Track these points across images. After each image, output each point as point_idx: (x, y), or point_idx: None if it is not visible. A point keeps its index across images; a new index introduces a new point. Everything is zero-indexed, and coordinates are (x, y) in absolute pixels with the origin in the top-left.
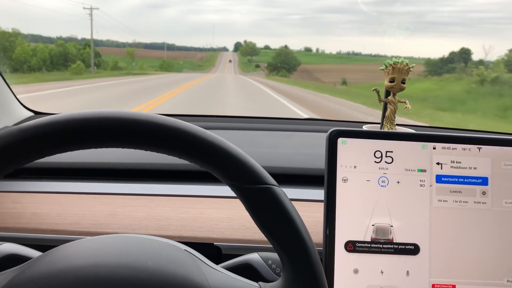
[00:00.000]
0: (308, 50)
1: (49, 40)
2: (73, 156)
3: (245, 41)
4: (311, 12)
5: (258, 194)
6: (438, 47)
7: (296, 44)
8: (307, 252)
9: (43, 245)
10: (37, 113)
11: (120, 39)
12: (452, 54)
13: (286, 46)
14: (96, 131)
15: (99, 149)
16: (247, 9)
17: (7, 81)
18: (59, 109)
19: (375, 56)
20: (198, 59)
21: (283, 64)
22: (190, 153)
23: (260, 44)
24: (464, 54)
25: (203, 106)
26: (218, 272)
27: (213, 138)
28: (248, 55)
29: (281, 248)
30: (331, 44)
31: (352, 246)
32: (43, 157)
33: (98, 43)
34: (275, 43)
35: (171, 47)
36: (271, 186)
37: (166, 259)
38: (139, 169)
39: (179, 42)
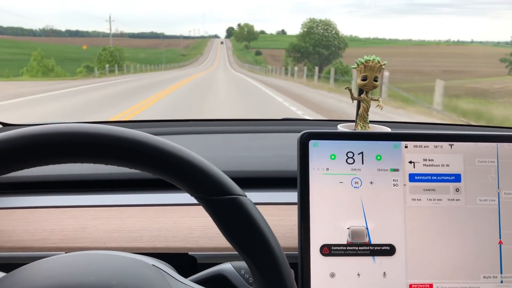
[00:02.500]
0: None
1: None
2: (39, 169)
3: (239, 25)
4: None
5: (225, 206)
6: (432, 28)
7: (291, 29)
8: (276, 263)
9: (9, 264)
10: (6, 125)
11: (106, 30)
12: None
13: (283, 31)
14: (49, 147)
15: None
16: None
17: None
18: None
19: (374, 39)
20: (184, 47)
21: (318, 47)
22: (150, 166)
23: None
24: None
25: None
26: (186, 286)
27: (173, 148)
28: (244, 40)
29: (249, 259)
30: None
31: (327, 250)
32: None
33: (84, 34)
34: (269, 29)
35: (157, 36)
36: (238, 196)
37: (132, 276)
38: (110, 180)
39: (168, 32)
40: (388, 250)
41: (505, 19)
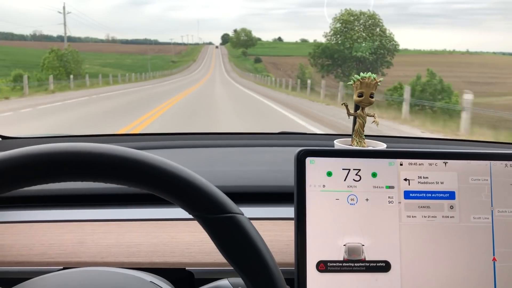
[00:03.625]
0: (304, 41)
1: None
2: None
3: (235, 30)
4: (295, 6)
5: (222, 224)
6: (423, 39)
7: (286, 37)
8: (272, 282)
9: (8, 279)
10: (5, 138)
11: (99, 36)
12: None
13: (279, 38)
14: (49, 166)
15: None
16: (231, 5)
17: None
18: None
19: None
20: (176, 53)
21: (359, 51)
22: (149, 185)
23: None
24: None
25: None
26: None
27: (170, 167)
28: (241, 46)
29: (246, 277)
30: (319, 37)
31: (323, 266)
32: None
33: (76, 39)
34: (264, 37)
35: (150, 43)
36: (235, 215)
37: None
38: (109, 194)
39: (162, 39)
40: (383, 267)
41: (496, 30)
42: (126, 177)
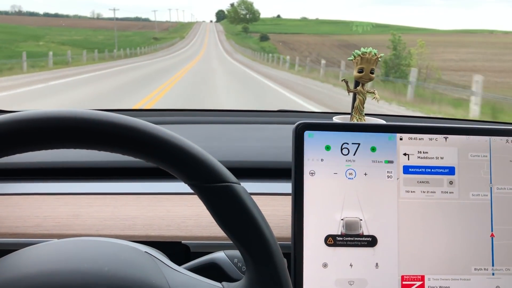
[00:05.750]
0: (304, 19)
1: None
2: (33, 155)
3: (232, 5)
4: None
5: (218, 193)
6: (421, 17)
7: (285, 14)
8: (269, 251)
9: (2, 250)
10: (1, 112)
11: (87, 14)
12: None
13: (278, 16)
14: (45, 132)
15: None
16: None
17: None
18: None
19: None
20: (162, 30)
21: None
22: (145, 153)
23: None
24: None
25: None
26: (179, 273)
27: (168, 135)
28: (242, 21)
29: (243, 247)
30: (320, 16)
31: (321, 240)
32: None
33: (63, 16)
34: (261, 14)
35: (138, 19)
36: (231, 184)
37: (125, 263)
38: (104, 167)
39: (153, 18)
40: (381, 241)
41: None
42: (120, 144)
